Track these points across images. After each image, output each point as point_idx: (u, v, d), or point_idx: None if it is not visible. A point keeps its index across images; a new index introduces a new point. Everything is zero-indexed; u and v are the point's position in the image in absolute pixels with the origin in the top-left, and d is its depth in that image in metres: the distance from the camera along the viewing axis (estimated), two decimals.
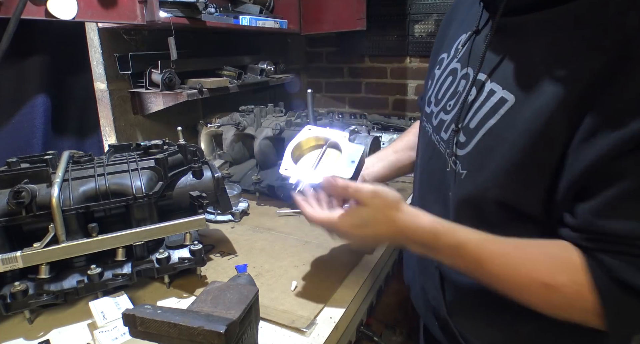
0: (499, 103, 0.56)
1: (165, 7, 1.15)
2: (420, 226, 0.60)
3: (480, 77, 0.60)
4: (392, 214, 0.61)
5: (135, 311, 0.49)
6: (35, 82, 1.08)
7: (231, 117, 1.40)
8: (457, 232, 0.58)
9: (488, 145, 0.57)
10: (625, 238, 0.47)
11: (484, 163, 0.57)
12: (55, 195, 0.69)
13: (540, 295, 0.53)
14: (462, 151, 0.61)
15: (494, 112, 0.56)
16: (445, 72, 0.70)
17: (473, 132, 0.59)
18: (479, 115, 0.58)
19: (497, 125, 0.56)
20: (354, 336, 0.82)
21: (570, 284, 0.50)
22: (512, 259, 0.55)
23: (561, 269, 0.51)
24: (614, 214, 0.47)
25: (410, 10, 2.01)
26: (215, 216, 1.12)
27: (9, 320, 0.73)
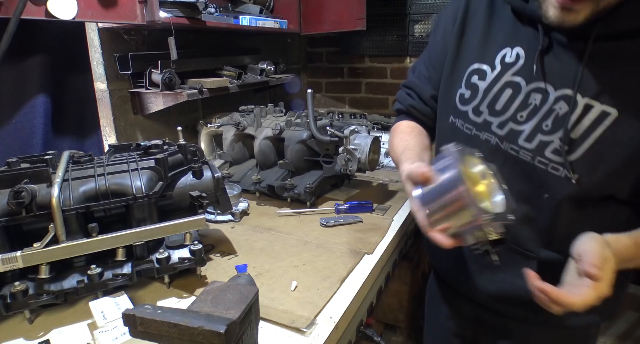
0: (602, 116, 0.65)
1: (165, 7, 1.15)
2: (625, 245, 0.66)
3: (571, 95, 0.67)
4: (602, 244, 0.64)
5: (135, 311, 0.49)
6: (35, 82, 1.08)
7: (231, 117, 1.40)
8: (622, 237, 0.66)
9: (599, 152, 0.66)
10: None
11: (597, 166, 0.66)
12: (55, 195, 0.69)
13: None
14: (571, 157, 0.68)
15: (597, 123, 0.65)
16: (499, 85, 0.74)
17: (578, 142, 0.67)
18: (582, 127, 0.66)
19: (605, 134, 0.65)
20: (354, 336, 0.82)
21: None
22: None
23: None
24: None
25: (410, 10, 2.01)
26: (215, 216, 1.12)
27: (9, 320, 0.73)
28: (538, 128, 0.70)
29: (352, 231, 1.05)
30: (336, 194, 1.29)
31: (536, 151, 0.71)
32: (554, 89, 0.69)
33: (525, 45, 0.71)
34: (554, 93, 0.69)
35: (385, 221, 1.10)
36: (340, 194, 1.30)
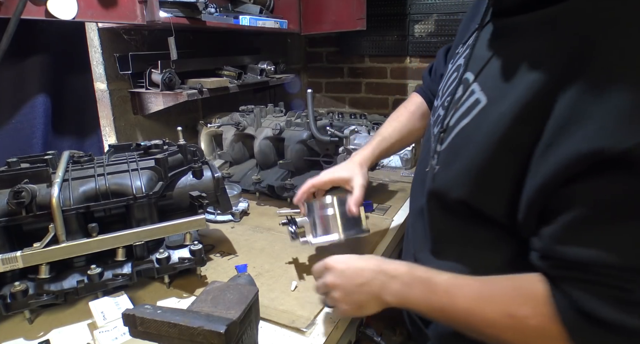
0: (474, 104, 0.57)
1: (165, 7, 1.15)
2: (397, 262, 0.63)
3: (468, 76, 0.61)
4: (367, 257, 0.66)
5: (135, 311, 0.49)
6: (35, 82, 1.08)
7: (231, 117, 1.40)
8: (430, 269, 0.59)
9: (458, 144, 0.58)
10: (586, 265, 0.45)
11: (453, 161, 0.59)
12: (55, 195, 0.69)
13: (507, 328, 0.51)
14: (440, 147, 0.63)
15: (468, 112, 0.58)
16: (453, 68, 0.71)
17: (450, 130, 0.61)
18: (457, 114, 0.60)
19: (469, 125, 0.57)
20: (354, 336, 0.82)
21: (533, 316, 0.49)
22: (479, 290, 0.54)
23: (525, 300, 0.50)
24: (573, 241, 0.46)
25: (410, 10, 2.01)
26: (215, 216, 1.12)
27: (9, 320, 0.73)
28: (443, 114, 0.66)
29: None
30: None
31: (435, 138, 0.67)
32: (463, 71, 0.63)
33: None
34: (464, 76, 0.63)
35: (385, 221, 1.10)
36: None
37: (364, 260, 0.65)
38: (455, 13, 1.92)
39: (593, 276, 0.45)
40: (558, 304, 0.48)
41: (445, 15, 1.94)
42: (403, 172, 1.51)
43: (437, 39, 1.99)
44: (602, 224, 0.44)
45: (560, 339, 0.47)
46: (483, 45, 0.60)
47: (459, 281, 0.56)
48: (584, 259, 0.45)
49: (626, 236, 0.43)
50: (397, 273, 0.60)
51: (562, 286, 0.48)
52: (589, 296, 0.45)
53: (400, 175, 1.48)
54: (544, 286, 0.49)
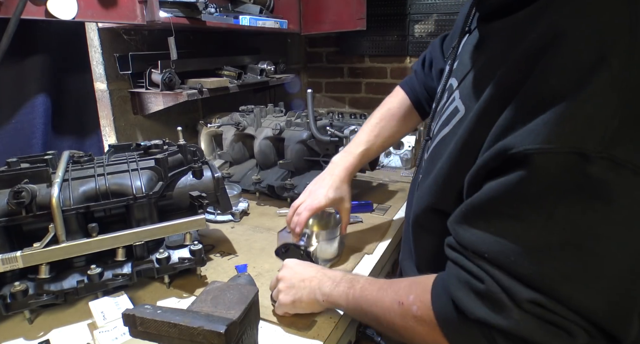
0: (454, 112, 0.57)
1: (165, 7, 1.15)
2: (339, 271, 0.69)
3: (452, 83, 0.61)
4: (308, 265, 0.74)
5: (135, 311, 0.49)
6: (35, 82, 1.08)
7: (231, 117, 1.40)
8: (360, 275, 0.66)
9: (436, 153, 0.59)
10: (463, 248, 0.46)
11: (431, 171, 0.59)
12: (55, 195, 0.69)
13: (396, 315, 0.53)
14: (426, 156, 0.64)
15: (448, 121, 0.58)
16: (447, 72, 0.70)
17: (433, 139, 0.62)
18: (440, 122, 0.60)
19: (448, 134, 0.57)
20: (354, 336, 0.82)
21: (416, 303, 0.51)
22: (386, 285, 0.58)
23: (415, 289, 0.53)
24: (463, 222, 0.48)
25: (410, 10, 2.01)
26: (215, 216, 1.12)
27: (9, 320, 0.73)
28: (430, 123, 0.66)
29: (352, 231, 1.05)
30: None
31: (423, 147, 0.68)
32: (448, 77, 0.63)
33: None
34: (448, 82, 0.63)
35: (385, 221, 1.10)
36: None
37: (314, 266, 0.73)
38: (455, 13, 1.92)
39: (465, 260, 0.46)
40: (435, 290, 0.50)
41: (445, 15, 1.94)
42: (403, 172, 1.51)
43: None
44: (489, 215, 0.45)
45: (434, 327, 0.49)
46: (466, 52, 0.60)
47: (376, 281, 0.61)
48: (465, 242, 0.47)
49: (504, 232, 0.43)
50: (332, 275, 0.68)
51: (447, 269, 0.49)
52: (454, 278, 0.47)
53: (400, 175, 1.48)
54: (434, 278, 0.52)
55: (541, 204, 0.41)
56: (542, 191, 0.40)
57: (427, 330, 0.50)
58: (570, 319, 0.40)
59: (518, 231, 0.42)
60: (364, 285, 0.62)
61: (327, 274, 0.69)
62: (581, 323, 0.40)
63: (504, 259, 0.42)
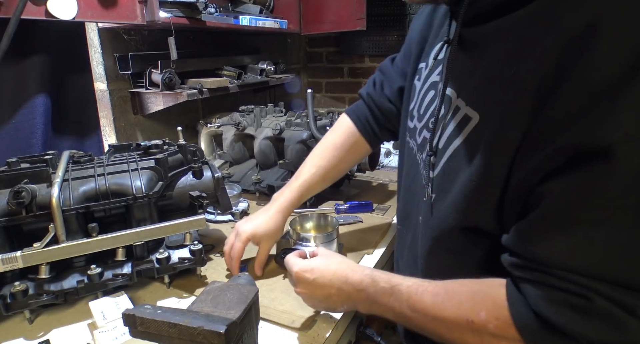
0: (463, 121, 0.53)
1: (165, 7, 1.15)
2: (360, 269, 0.63)
3: (449, 93, 0.57)
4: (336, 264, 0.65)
5: (135, 311, 0.49)
6: (35, 82, 1.07)
7: (231, 117, 1.40)
8: (393, 277, 0.59)
9: (452, 167, 0.55)
10: (546, 266, 0.43)
11: (448, 186, 0.55)
12: (55, 195, 0.69)
13: (467, 332, 0.50)
14: (433, 173, 0.59)
15: (459, 131, 0.54)
16: (426, 85, 0.67)
17: (441, 153, 0.57)
18: (446, 134, 0.56)
19: (462, 145, 0.53)
20: (354, 336, 0.82)
21: (492, 320, 0.47)
22: (440, 298, 0.53)
23: (484, 305, 0.49)
24: (537, 238, 0.44)
25: (410, 10, 2.01)
26: (215, 216, 1.12)
27: (9, 320, 0.73)
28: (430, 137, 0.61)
29: (352, 231, 1.05)
30: (336, 194, 1.29)
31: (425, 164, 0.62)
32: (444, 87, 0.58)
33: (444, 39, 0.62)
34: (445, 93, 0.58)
35: (385, 221, 1.10)
36: (340, 194, 1.30)
37: (329, 269, 0.64)
38: None
39: (552, 278, 0.43)
40: (514, 308, 0.46)
41: None
42: None
43: None
44: (569, 224, 0.41)
45: (518, 341, 0.46)
46: (459, 59, 0.55)
47: (420, 288, 0.55)
48: (545, 260, 0.43)
49: (592, 240, 0.40)
50: (363, 286, 0.60)
51: (522, 288, 0.46)
52: (546, 301, 0.43)
53: None
54: (504, 290, 0.48)
55: (628, 201, 0.38)
56: (627, 186, 0.37)
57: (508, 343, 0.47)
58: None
59: (607, 235, 0.39)
60: (409, 297, 0.55)
61: (353, 283, 0.61)
62: None
63: (600, 269, 0.39)
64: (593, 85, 0.39)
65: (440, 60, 0.64)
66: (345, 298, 0.62)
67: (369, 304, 0.60)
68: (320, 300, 0.65)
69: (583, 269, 0.40)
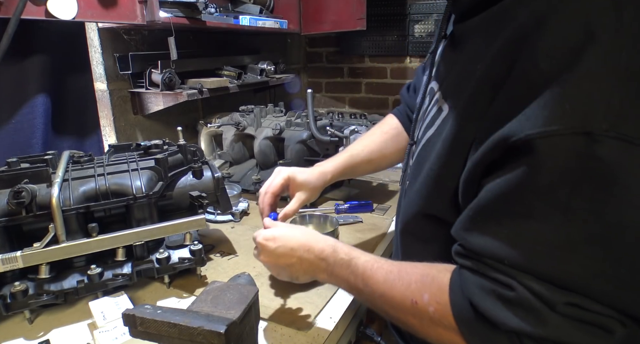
0: (437, 113, 0.56)
1: (165, 7, 1.15)
2: (323, 239, 0.65)
3: (433, 86, 0.60)
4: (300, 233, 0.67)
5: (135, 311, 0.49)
6: (35, 82, 1.08)
7: (231, 117, 1.40)
8: (354, 250, 0.61)
9: (423, 156, 0.57)
10: (478, 255, 0.44)
11: (417, 174, 0.57)
12: (55, 195, 0.69)
13: (410, 313, 0.51)
14: (411, 161, 0.62)
15: (433, 122, 0.57)
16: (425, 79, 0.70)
17: (418, 143, 0.60)
18: (424, 125, 0.59)
19: (433, 135, 0.55)
20: (354, 336, 0.82)
21: (433, 304, 0.49)
22: (392, 276, 0.54)
23: (429, 288, 0.50)
24: (473, 228, 0.45)
25: (410, 10, 2.01)
26: (215, 216, 1.12)
27: (9, 320, 0.73)
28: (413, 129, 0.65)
29: (352, 231, 1.05)
30: (336, 194, 1.29)
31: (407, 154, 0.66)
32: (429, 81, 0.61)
33: None
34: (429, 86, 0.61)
35: (385, 221, 1.10)
36: (340, 194, 1.30)
37: (294, 238, 0.66)
38: None
39: (484, 267, 0.44)
40: (453, 293, 0.47)
41: None
42: None
43: None
44: (501, 216, 0.42)
45: (453, 329, 0.47)
46: (445, 54, 0.59)
47: (376, 264, 0.57)
48: (478, 249, 0.44)
49: (521, 234, 0.41)
50: (324, 255, 0.63)
51: (462, 275, 0.47)
52: (477, 288, 0.44)
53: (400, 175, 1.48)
54: (448, 277, 0.49)
55: (554, 197, 0.38)
56: (552, 182, 0.38)
57: (445, 332, 0.48)
58: (606, 315, 0.38)
59: (535, 230, 0.40)
60: (364, 272, 0.57)
61: (314, 251, 0.63)
62: (616, 316, 0.38)
63: (528, 263, 0.40)
64: (531, 78, 0.40)
65: (431, 55, 0.67)
66: (307, 266, 0.64)
67: (328, 274, 0.62)
68: (283, 268, 0.67)
69: (511, 260, 0.41)
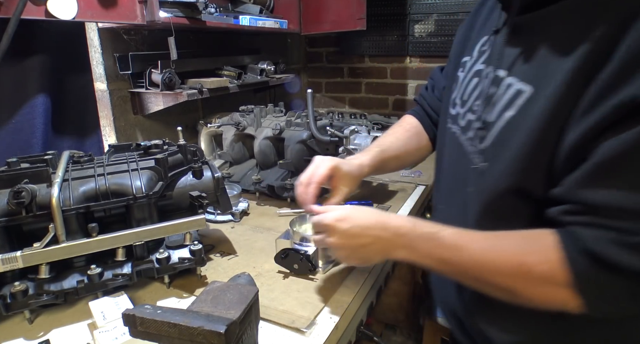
0: (516, 95, 0.58)
1: (165, 7, 1.15)
2: (400, 218, 0.64)
3: (499, 74, 0.62)
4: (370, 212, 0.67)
5: (135, 311, 0.49)
6: (35, 82, 1.08)
7: (231, 117, 1.40)
8: (434, 224, 0.61)
9: (506, 136, 0.59)
10: (598, 208, 0.47)
11: (501, 153, 0.59)
12: (55, 195, 0.69)
13: (516, 276, 0.53)
14: (482, 145, 0.62)
15: (510, 104, 0.58)
16: (470, 74, 0.72)
17: (491, 126, 0.61)
18: (497, 109, 0.60)
19: (516, 116, 0.57)
20: (354, 336, 0.82)
21: (542, 262, 0.51)
22: (489, 242, 0.56)
23: (534, 248, 0.52)
24: (593, 184, 0.48)
25: (410, 10, 2.01)
26: (215, 216, 1.12)
27: (9, 320, 0.73)
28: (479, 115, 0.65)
29: None
30: None
31: (472, 140, 0.66)
32: (493, 70, 0.64)
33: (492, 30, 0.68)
34: (492, 74, 0.64)
35: None
36: None
37: (366, 217, 0.65)
38: (455, 13, 1.92)
39: (604, 219, 0.47)
40: (567, 249, 0.49)
41: (445, 15, 1.94)
42: (403, 172, 1.51)
43: (437, 39, 1.99)
44: (621, 169, 0.46)
45: (565, 286, 0.49)
46: (509, 44, 0.61)
47: (467, 235, 0.58)
48: (597, 202, 0.47)
49: None
50: (403, 231, 0.62)
51: (573, 232, 0.49)
52: (598, 239, 0.47)
53: (400, 175, 1.48)
54: (554, 236, 0.51)
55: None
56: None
57: (554, 290, 0.51)
58: None
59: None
60: (455, 242, 0.58)
61: (391, 228, 0.63)
62: None
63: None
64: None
65: (484, 51, 0.69)
66: (383, 245, 0.63)
67: (408, 250, 0.61)
68: (355, 249, 0.65)
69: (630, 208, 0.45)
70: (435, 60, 2.04)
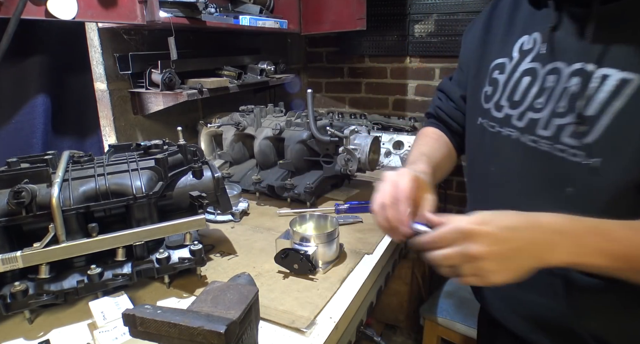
0: (621, 85, 0.57)
1: (165, 7, 1.15)
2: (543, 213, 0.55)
3: (587, 68, 0.61)
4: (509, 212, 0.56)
5: (135, 311, 0.49)
6: (35, 82, 1.08)
7: (231, 117, 1.40)
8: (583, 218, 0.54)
9: (621, 126, 0.57)
10: None
11: (621, 145, 0.56)
12: (55, 195, 0.69)
13: None
14: (586, 140, 0.60)
15: (617, 94, 0.57)
16: (517, 74, 0.71)
17: (594, 119, 0.59)
18: (597, 101, 0.59)
19: (628, 106, 0.56)
20: (354, 336, 0.83)
21: None
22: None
23: None
24: None
25: (410, 10, 2.01)
26: (215, 216, 1.12)
27: (9, 320, 0.73)
28: (554, 112, 0.64)
29: (352, 231, 1.05)
30: (336, 194, 1.29)
31: (554, 138, 0.64)
32: (566, 65, 0.63)
33: (542, 29, 0.68)
34: (567, 69, 0.63)
35: None
36: (340, 194, 1.30)
37: (510, 217, 0.55)
38: (455, 13, 1.92)
39: None
40: None
41: (445, 15, 1.94)
42: None
43: (437, 39, 1.99)
44: None
45: None
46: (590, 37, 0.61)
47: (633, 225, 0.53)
48: None
49: None
50: (561, 227, 0.53)
51: None
52: None
53: None
54: None
55: None
56: None
57: None
58: None
59: None
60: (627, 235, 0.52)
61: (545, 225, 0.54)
62: None
63: None
64: None
65: (529, 49, 0.70)
66: (540, 248, 0.53)
67: (574, 248, 0.53)
68: (508, 257, 0.53)
69: None
70: (435, 60, 2.04)
